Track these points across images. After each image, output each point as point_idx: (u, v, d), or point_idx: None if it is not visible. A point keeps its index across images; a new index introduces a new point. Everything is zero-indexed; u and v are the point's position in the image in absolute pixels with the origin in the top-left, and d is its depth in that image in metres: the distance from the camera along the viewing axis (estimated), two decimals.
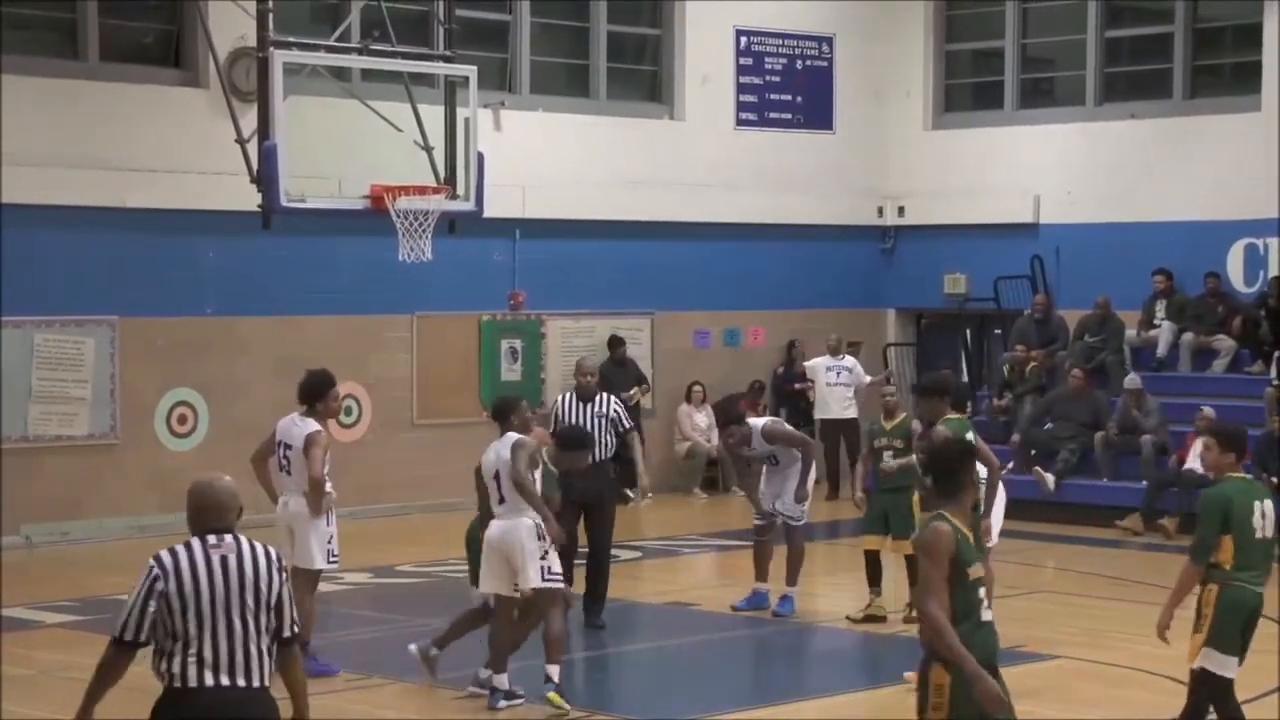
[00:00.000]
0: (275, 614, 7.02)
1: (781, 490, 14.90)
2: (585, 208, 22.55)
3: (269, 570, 7.03)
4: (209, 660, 6.88)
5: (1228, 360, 21.81)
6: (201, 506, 7.11)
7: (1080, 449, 20.97)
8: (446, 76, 17.92)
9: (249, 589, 6.96)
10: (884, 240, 25.54)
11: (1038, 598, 16.27)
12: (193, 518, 7.13)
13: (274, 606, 7.02)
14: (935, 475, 7.77)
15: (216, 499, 7.10)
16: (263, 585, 6.99)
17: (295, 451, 12.58)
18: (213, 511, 7.09)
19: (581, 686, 12.74)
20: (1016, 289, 23.76)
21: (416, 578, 16.93)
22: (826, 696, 12.51)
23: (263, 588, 6.99)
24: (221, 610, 6.91)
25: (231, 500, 7.14)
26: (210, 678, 6.87)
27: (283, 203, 16.39)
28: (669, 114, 23.80)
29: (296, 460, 12.59)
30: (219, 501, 7.10)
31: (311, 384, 12.74)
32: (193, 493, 7.15)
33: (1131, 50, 24.25)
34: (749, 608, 15.16)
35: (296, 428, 12.62)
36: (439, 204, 17.27)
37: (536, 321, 22.43)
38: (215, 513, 7.08)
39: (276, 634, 7.04)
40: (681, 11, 23.72)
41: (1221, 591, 9.84)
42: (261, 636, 6.97)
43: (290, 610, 7.08)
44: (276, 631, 7.04)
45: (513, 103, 22.20)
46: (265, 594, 6.99)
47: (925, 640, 7.54)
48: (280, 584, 7.05)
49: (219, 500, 7.10)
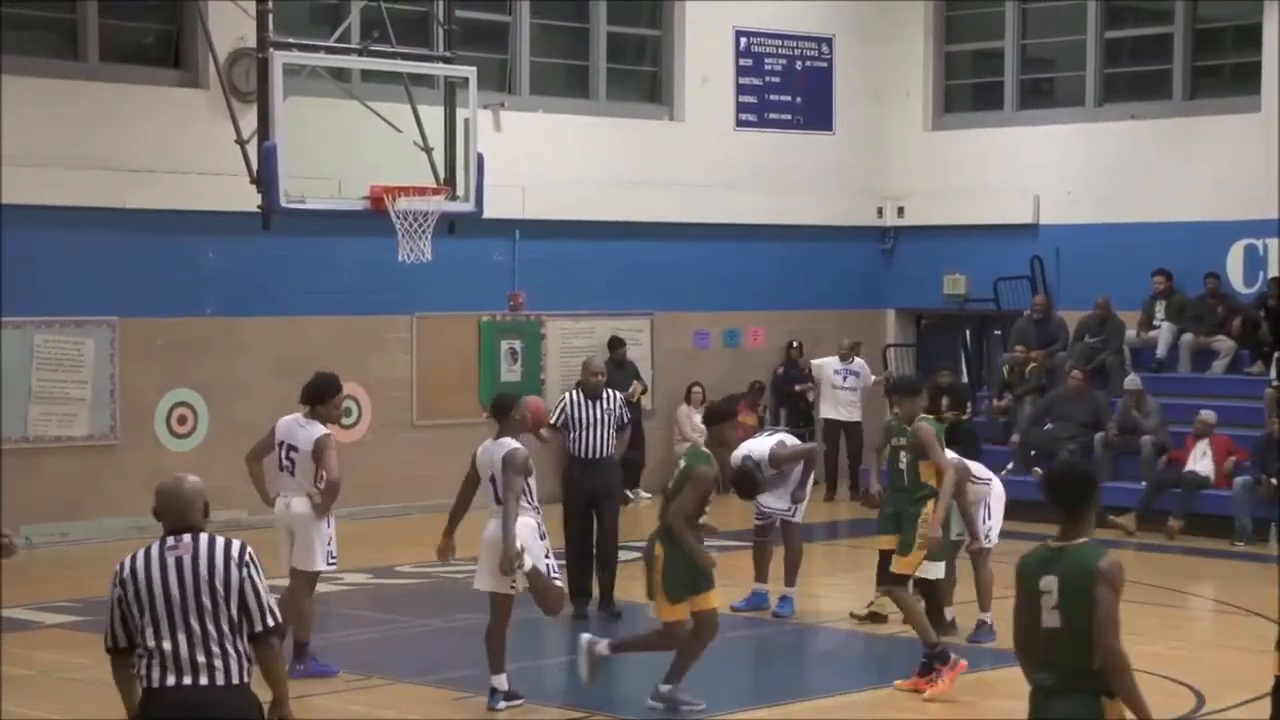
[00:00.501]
0: (240, 610, 6.95)
1: (781, 491, 14.96)
2: (585, 208, 22.55)
3: (226, 567, 6.96)
4: (170, 662, 6.89)
5: (1227, 361, 21.80)
6: (164, 507, 7.15)
7: (1080, 449, 20.96)
8: (446, 77, 17.92)
9: (204, 589, 6.92)
10: (884, 241, 25.54)
11: None
12: (159, 519, 7.19)
13: (238, 603, 6.95)
14: (1067, 504, 7.10)
15: (178, 500, 7.10)
16: (218, 583, 6.94)
17: (302, 454, 12.48)
18: (173, 512, 7.11)
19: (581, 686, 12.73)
20: (1016, 289, 23.75)
21: (416, 578, 16.92)
22: (827, 697, 12.51)
23: (218, 585, 6.94)
24: (179, 611, 6.91)
25: (194, 499, 7.12)
26: (172, 678, 6.88)
27: (282, 203, 16.39)
28: (669, 115, 23.80)
29: (302, 462, 12.50)
30: (180, 502, 7.10)
31: (319, 386, 12.62)
32: (158, 494, 7.20)
33: (1131, 51, 24.24)
34: (749, 608, 15.16)
35: (302, 429, 12.51)
36: (439, 205, 17.27)
37: (536, 322, 22.43)
38: (175, 513, 7.09)
39: (248, 629, 6.98)
40: (681, 12, 23.72)
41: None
42: (224, 635, 6.92)
43: (259, 603, 6.99)
44: (247, 627, 6.97)
45: (512, 103, 22.20)
46: (223, 592, 6.93)
47: (1100, 668, 6.90)
48: (242, 579, 6.97)
49: (180, 501, 7.10)
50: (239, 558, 7.00)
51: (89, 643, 14.03)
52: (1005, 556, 16.32)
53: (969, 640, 13.92)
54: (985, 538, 13.93)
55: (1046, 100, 25.01)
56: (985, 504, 14.08)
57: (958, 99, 25.53)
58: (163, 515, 7.15)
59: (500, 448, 11.74)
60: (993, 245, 24.07)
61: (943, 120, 25.32)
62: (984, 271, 24.03)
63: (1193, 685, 12.57)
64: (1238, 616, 15.60)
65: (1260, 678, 12.44)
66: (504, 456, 11.64)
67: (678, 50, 23.75)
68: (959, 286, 24.67)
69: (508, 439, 11.79)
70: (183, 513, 7.07)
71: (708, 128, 23.83)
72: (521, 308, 22.10)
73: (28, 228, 18.50)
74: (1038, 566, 7.06)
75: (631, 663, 13.61)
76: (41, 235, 18.65)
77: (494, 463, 11.72)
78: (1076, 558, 7.01)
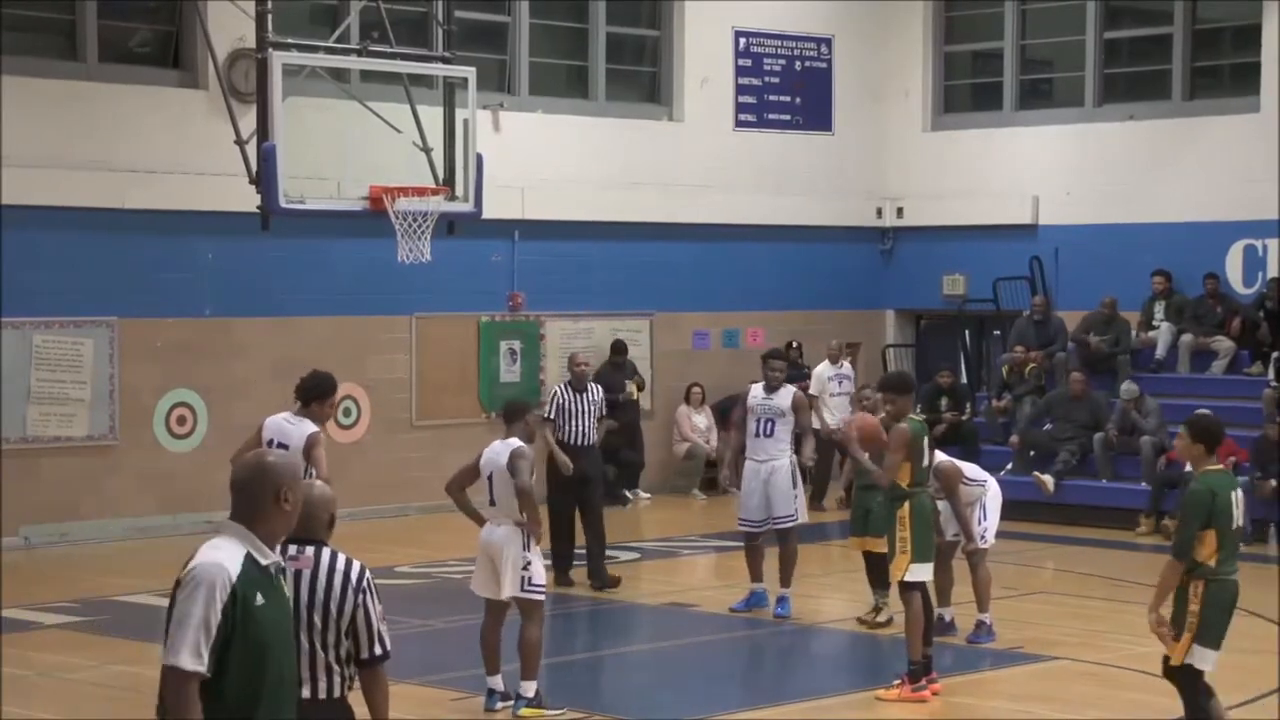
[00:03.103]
0: (350, 634, 6.62)
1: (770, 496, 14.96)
2: (584, 209, 22.55)
3: (344, 590, 6.63)
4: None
5: (1226, 361, 21.81)
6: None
7: (1079, 450, 20.97)
8: (445, 78, 17.92)
9: (318, 607, 6.63)
10: (883, 241, 25.54)
11: (1037, 599, 16.27)
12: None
13: (348, 627, 6.62)
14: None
15: (309, 508, 6.65)
16: (333, 605, 6.63)
17: (293, 451, 12.19)
18: (301, 520, 6.59)
19: (580, 687, 12.75)
20: (1015, 290, 23.76)
21: (416, 578, 16.92)
22: (826, 697, 12.51)
23: (332, 607, 6.62)
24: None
25: (319, 509, 6.76)
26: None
27: (282, 204, 16.38)
28: (668, 115, 23.80)
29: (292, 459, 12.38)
30: (310, 511, 6.67)
31: (315, 384, 12.42)
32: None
33: (1130, 51, 24.26)
34: (747, 609, 15.17)
35: (292, 426, 12.28)
36: (438, 205, 17.26)
37: (535, 323, 22.44)
38: (304, 522, 6.60)
39: (354, 654, 6.65)
40: (680, 12, 23.72)
41: (1208, 587, 9.88)
42: (329, 654, 6.64)
43: (369, 631, 6.62)
44: (354, 652, 6.64)
45: (512, 104, 22.21)
46: (335, 614, 6.62)
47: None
48: (356, 605, 6.61)
49: (310, 510, 6.68)
50: (357, 582, 6.65)
51: (89, 643, 14.08)
52: (1004, 556, 16.40)
53: (968, 640, 13.92)
54: (981, 539, 13.92)
55: (1046, 101, 25.02)
56: (981, 505, 14.05)
57: (957, 99, 25.54)
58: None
59: (507, 447, 11.78)
60: (992, 246, 24.08)
61: (942, 120, 25.33)
62: (983, 272, 24.04)
63: None
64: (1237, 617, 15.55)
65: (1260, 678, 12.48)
66: (514, 453, 11.68)
67: (677, 51, 23.76)
68: (958, 287, 24.68)
69: (514, 440, 11.83)
70: (306, 522, 6.63)
71: (707, 128, 23.84)
72: (521, 308, 22.11)
73: (27, 228, 18.50)
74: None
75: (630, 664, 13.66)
76: (41, 235, 18.66)
77: (497, 463, 11.74)
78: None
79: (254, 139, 16.65)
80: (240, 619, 5.74)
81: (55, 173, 18.63)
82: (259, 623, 5.80)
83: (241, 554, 5.86)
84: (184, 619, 5.71)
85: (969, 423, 22.17)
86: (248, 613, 5.75)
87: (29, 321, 18.70)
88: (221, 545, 5.89)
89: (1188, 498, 10.02)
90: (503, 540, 11.64)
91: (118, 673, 13.04)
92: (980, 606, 14.01)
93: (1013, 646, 13.89)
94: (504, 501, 11.72)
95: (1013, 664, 13.49)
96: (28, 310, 18.64)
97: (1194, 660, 9.88)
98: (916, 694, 12.16)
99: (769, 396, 15.08)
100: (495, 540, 11.68)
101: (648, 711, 12.02)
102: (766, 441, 15.00)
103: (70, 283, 18.92)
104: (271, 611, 5.86)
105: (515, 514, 11.66)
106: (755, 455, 15.05)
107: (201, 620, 5.70)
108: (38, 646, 13.89)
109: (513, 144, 21.42)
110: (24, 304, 18.57)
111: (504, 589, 11.63)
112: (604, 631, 15.46)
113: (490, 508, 11.81)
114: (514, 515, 11.67)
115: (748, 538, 15.31)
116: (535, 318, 22.38)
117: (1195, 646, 9.85)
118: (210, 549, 5.89)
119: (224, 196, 18.57)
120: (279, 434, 12.31)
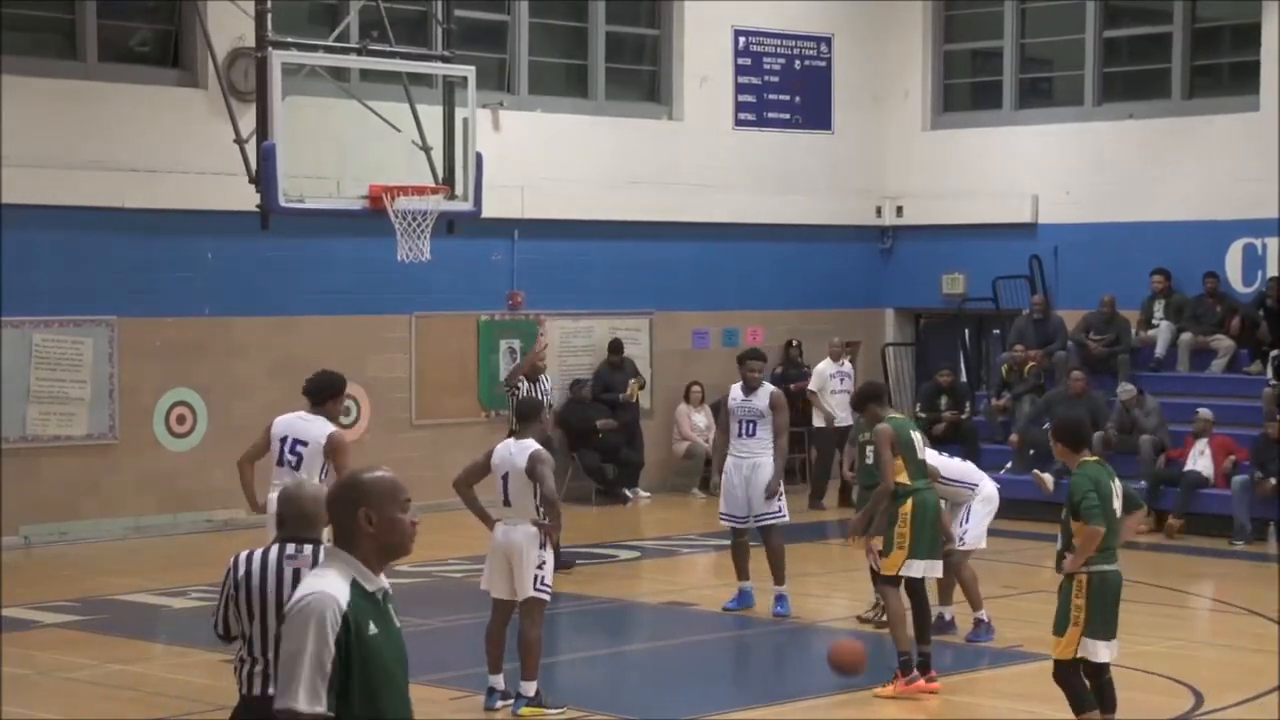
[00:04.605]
0: None
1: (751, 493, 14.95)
2: (584, 208, 22.55)
3: None
4: (273, 673, 6.52)
5: (1226, 360, 21.81)
6: (285, 513, 6.85)
7: None
8: (445, 77, 17.92)
9: None
10: (882, 240, 25.54)
11: (1037, 598, 16.24)
12: (279, 523, 6.90)
13: None
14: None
15: (299, 507, 6.73)
16: None
17: (311, 449, 12.09)
18: (294, 520, 6.74)
19: (580, 687, 12.75)
20: (1015, 289, 23.76)
21: (416, 578, 16.91)
22: (826, 696, 12.50)
23: None
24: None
25: (316, 509, 6.70)
26: (272, 689, 6.31)
27: (281, 203, 16.39)
28: (667, 114, 23.81)
29: (311, 457, 12.10)
30: (303, 509, 6.71)
31: (326, 383, 12.33)
32: (280, 499, 6.92)
33: (1130, 50, 24.26)
34: (739, 607, 15.17)
35: (308, 424, 12.15)
36: (437, 204, 17.26)
37: (535, 322, 22.42)
38: (297, 521, 6.67)
39: None
40: (680, 12, 23.72)
41: (1091, 581, 10.02)
42: None
43: None
44: None
45: (511, 103, 22.21)
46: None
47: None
48: None
49: (303, 508, 6.71)
50: None
51: (89, 643, 14.08)
52: (1004, 556, 16.41)
53: (968, 639, 13.92)
54: (960, 540, 13.81)
55: (1045, 100, 25.02)
56: (967, 508, 13.96)
57: (956, 99, 25.54)
58: (284, 521, 6.85)
59: (524, 449, 11.69)
60: (991, 245, 24.08)
61: (941, 120, 25.33)
62: (983, 271, 24.04)
63: (1191, 684, 12.57)
64: (1237, 616, 15.61)
65: (1260, 677, 12.49)
66: (534, 457, 11.60)
67: (676, 50, 23.76)
68: (958, 286, 24.68)
69: (530, 441, 11.77)
70: (306, 522, 6.64)
71: (706, 127, 23.84)
72: (520, 307, 22.10)
73: (27, 228, 18.50)
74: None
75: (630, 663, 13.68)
76: (40, 235, 18.66)
77: (514, 464, 11.67)
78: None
79: (253, 138, 16.66)
80: (354, 650, 5.20)
81: (55, 172, 18.63)
82: (374, 654, 5.28)
83: (348, 580, 5.31)
84: (295, 656, 5.15)
85: (968, 422, 22.17)
86: (362, 643, 5.21)
87: (29, 321, 18.70)
88: (325, 573, 5.36)
89: (1071, 485, 10.31)
90: (523, 542, 11.57)
91: (117, 672, 13.05)
92: (974, 605, 13.98)
93: (1012, 645, 13.88)
94: (519, 503, 11.66)
95: (1012, 663, 13.48)
96: (28, 310, 18.65)
97: (1086, 653, 10.26)
98: (912, 685, 12.17)
99: (748, 398, 15.07)
100: (515, 542, 11.60)
101: (647, 711, 12.02)
102: (750, 441, 15.03)
103: (70, 282, 18.92)
104: (385, 642, 5.35)
105: (531, 514, 11.62)
106: (738, 453, 15.06)
107: (315, 656, 5.14)
108: (38, 646, 13.89)
109: (512, 143, 21.42)
110: (24, 304, 18.57)
111: (522, 590, 11.61)
112: (604, 631, 15.46)
113: (504, 508, 11.75)
114: (530, 516, 11.62)
115: (734, 534, 15.29)
116: (535, 317, 22.37)
117: (1085, 640, 10.25)
118: (314, 576, 5.37)
119: (224, 196, 18.58)
120: (294, 432, 12.19)
